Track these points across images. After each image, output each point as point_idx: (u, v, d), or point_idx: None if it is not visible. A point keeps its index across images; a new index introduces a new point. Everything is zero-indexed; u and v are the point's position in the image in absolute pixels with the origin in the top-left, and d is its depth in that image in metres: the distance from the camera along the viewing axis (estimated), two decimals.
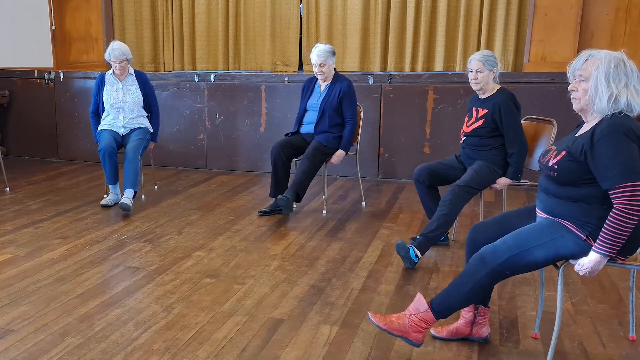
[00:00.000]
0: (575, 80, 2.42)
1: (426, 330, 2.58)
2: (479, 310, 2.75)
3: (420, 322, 2.56)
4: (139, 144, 5.10)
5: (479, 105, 3.95)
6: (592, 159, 2.32)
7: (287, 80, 6.58)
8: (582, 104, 2.42)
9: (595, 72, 2.34)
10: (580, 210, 2.39)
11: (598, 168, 2.31)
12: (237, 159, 6.83)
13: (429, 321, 2.56)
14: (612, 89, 2.32)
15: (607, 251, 2.31)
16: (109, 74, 5.23)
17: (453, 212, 3.79)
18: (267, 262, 3.82)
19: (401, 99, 6.27)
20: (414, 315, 2.57)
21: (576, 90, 2.42)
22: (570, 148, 2.41)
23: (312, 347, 2.72)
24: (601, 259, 2.34)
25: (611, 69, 2.32)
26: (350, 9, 7.45)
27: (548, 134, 3.89)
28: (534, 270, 2.51)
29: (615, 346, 2.76)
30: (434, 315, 2.55)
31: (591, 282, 3.47)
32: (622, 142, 2.28)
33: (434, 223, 3.79)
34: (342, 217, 4.88)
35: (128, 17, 8.08)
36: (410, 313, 2.58)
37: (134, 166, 4.99)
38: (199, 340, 2.76)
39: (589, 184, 2.36)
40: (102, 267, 3.71)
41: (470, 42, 7.11)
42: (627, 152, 2.27)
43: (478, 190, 3.85)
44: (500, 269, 2.42)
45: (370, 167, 6.42)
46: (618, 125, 2.30)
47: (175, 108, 6.88)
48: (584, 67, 2.37)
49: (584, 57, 2.40)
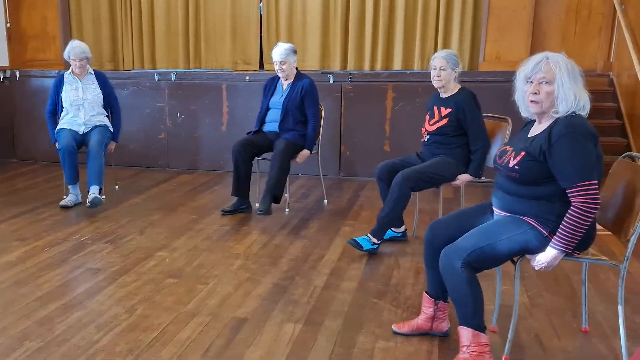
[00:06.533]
0: (534, 84, 2.42)
1: (488, 350, 2.49)
2: (439, 306, 2.80)
3: (477, 347, 2.48)
4: (102, 140, 5.05)
5: (441, 104, 4.02)
6: (551, 159, 2.37)
7: (248, 79, 6.59)
8: (544, 107, 2.43)
9: (560, 74, 2.37)
10: (542, 207, 2.45)
11: (557, 167, 2.37)
12: (199, 158, 6.81)
13: (481, 341, 2.48)
14: (575, 90, 2.38)
15: (564, 247, 2.38)
16: (68, 74, 5.16)
17: (401, 198, 3.82)
18: (230, 262, 3.83)
19: (361, 98, 6.34)
20: (469, 347, 2.48)
21: (537, 93, 2.42)
22: (529, 148, 2.45)
23: (276, 345, 2.74)
24: (558, 255, 2.41)
25: (569, 70, 2.38)
26: (310, 9, 7.49)
27: (503, 132, 3.99)
28: (501, 264, 2.56)
29: (569, 337, 2.86)
30: (479, 331, 2.48)
31: (546, 275, 3.58)
32: (579, 142, 2.34)
33: (385, 208, 3.88)
34: (304, 216, 4.91)
35: (86, 14, 7.95)
36: (465, 347, 2.50)
37: (98, 162, 4.93)
38: (162, 341, 2.76)
39: (550, 183, 2.42)
40: (62, 269, 3.67)
41: (428, 41, 7.24)
42: (584, 152, 2.34)
43: (429, 181, 3.90)
44: (468, 261, 2.43)
45: (331, 166, 6.47)
46: (574, 125, 2.36)
47: (136, 107, 6.81)
48: (547, 69, 2.38)
49: (539, 59, 2.42)
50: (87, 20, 7.97)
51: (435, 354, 2.68)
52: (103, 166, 5.01)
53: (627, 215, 2.49)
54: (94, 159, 4.92)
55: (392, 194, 3.86)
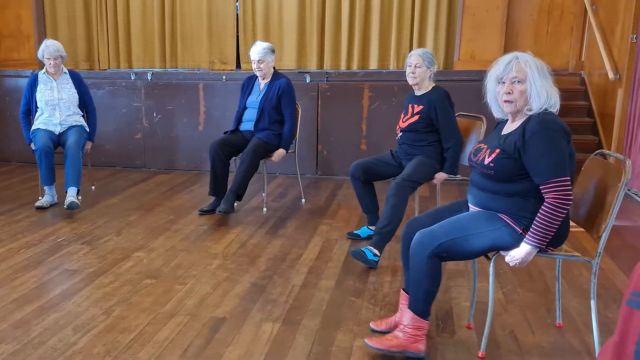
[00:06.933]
0: (507, 84, 2.46)
1: (424, 337, 2.58)
2: None
3: (414, 331, 2.56)
4: (79, 140, 5.00)
5: (415, 102, 4.06)
6: (525, 155, 2.41)
7: (225, 78, 6.57)
8: (519, 106, 2.47)
9: (530, 72, 2.42)
10: (516, 204, 2.49)
11: (530, 164, 2.41)
12: (176, 158, 6.78)
13: (420, 327, 2.56)
14: (546, 86, 2.42)
15: (538, 243, 2.43)
16: (42, 74, 5.11)
17: (400, 205, 3.82)
18: (208, 261, 3.82)
19: (338, 97, 6.36)
20: (405, 328, 2.57)
21: (510, 92, 2.46)
22: (503, 146, 2.49)
23: (255, 345, 2.75)
24: (531, 250, 2.46)
25: (539, 67, 2.43)
26: (286, 8, 7.51)
27: (478, 130, 4.04)
28: (469, 259, 2.60)
29: (543, 333, 2.91)
30: (421, 318, 2.55)
31: (520, 272, 3.64)
32: (552, 139, 2.38)
33: (384, 219, 3.81)
34: (282, 215, 4.92)
35: (60, 13, 7.87)
36: (402, 327, 2.59)
37: (76, 163, 4.89)
38: (140, 342, 2.76)
39: (524, 180, 2.46)
40: (38, 270, 3.63)
41: (403, 41, 7.30)
42: (557, 149, 2.38)
43: (419, 183, 3.94)
44: (437, 251, 2.46)
45: (309, 165, 6.48)
46: (547, 122, 2.40)
47: (112, 107, 6.76)
48: (518, 68, 2.43)
49: (509, 59, 2.46)
50: (61, 19, 7.89)
51: None
52: (81, 166, 4.97)
53: (599, 212, 2.54)
54: (71, 159, 4.88)
55: (388, 203, 3.80)
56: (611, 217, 2.44)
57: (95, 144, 5.46)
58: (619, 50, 5.98)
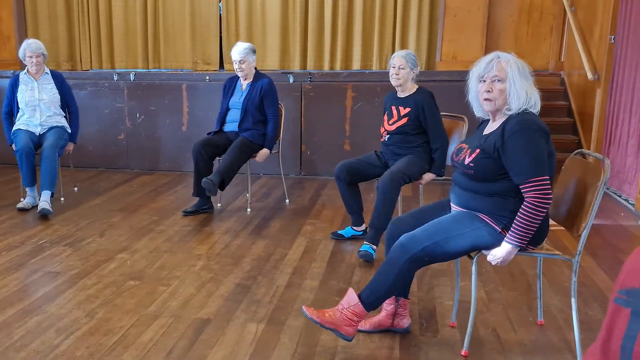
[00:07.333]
0: (487, 82, 2.50)
1: (358, 323, 2.62)
2: (400, 302, 2.85)
3: (352, 316, 2.59)
4: (57, 142, 4.96)
5: (400, 104, 4.08)
6: (504, 155, 2.44)
7: (209, 79, 6.56)
8: (498, 105, 2.50)
9: (511, 72, 2.44)
10: (495, 204, 2.51)
11: (510, 163, 2.44)
12: (160, 159, 6.75)
13: (359, 314, 2.60)
14: (526, 87, 2.45)
15: (518, 242, 2.46)
16: (23, 74, 5.07)
17: (393, 197, 3.85)
18: (192, 262, 3.82)
19: (321, 97, 6.38)
20: (345, 309, 2.60)
21: (491, 91, 2.50)
22: (484, 146, 2.51)
23: (239, 345, 2.76)
24: (512, 249, 2.49)
25: (520, 68, 2.46)
26: (269, 9, 7.52)
27: (460, 130, 4.08)
28: (451, 260, 2.63)
29: (525, 331, 2.94)
30: (364, 308, 2.59)
31: (502, 270, 3.67)
32: (531, 138, 2.41)
33: (377, 212, 3.85)
34: (266, 215, 4.93)
35: (42, 13, 7.81)
36: (342, 307, 2.62)
37: (51, 165, 4.84)
38: (123, 345, 2.75)
39: (504, 179, 2.48)
40: (20, 273, 3.61)
41: (386, 42, 7.35)
42: (536, 148, 2.41)
43: (410, 179, 3.95)
44: (419, 255, 2.49)
45: (292, 165, 6.49)
46: (526, 122, 2.43)
47: (94, 108, 6.71)
48: (499, 67, 2.46)
49: (490, 59, 2.50)
50: (42, 18, 7.83)
51: (396, 350, 2.73)
52: (56, 169, 4.92)
53: (579, 211, 2.57)
54: (46, 161, 4.83)
55: (383, 195, 3.83)
56: (591, 216, 2.48)
57: (77, 145, 5.42)
58: (598, 50, 6.06)
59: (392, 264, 2.54)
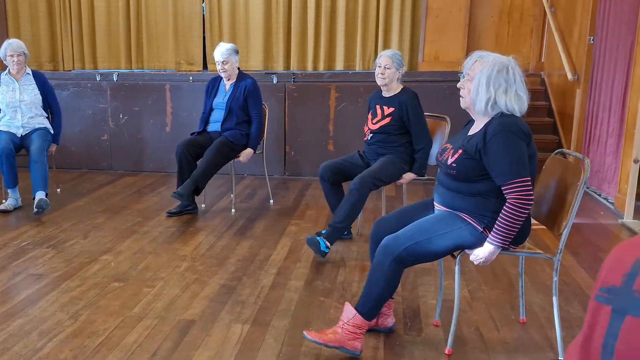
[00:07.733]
0: (464, 79, 2.56)
1: (362, 336, 2.61)
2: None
3: (353, 329, 2.58)
4: (43, 145, 4.93)
5: (384, 104, 4.10)
6: (486, 156, 2.47)
7: (192, 79, 6.55)
8: (467, 103, 2.57)
9: (479, 75, 2.48)
10: (477, 204, 2.54)
11: (491, 165, 2.47)
12: (143, 160, 6.72)
13: (361, 326, 2.59)
14: (491, 93, 2.46)
15: (500, 242, 2.49)
16: (4, 74, 5.03)
17: (359, 203, 3.89)
18: (176, 263, 3.81)
19: (305, 98, 6.39)
20: (346, 324, 2.59)
21: (463, 88, 2.56)
22: (466, 147, 2.54)
23: (224, 346, 2.76)
24: (495, 250, 2.52)
25: (493, 73, 2.47)
26: (252, 9, 7.52)
27: (442, 131, 4.11)
28: (434, 259, 2.65)
29: (508, 329, 2.97)
30: (364, 318, 2.58)
31: (485, 270, 3.71)
32: (512, 140, 2.44)
33: (341, 214, 3.89)
34: (250, 216, 4.93)
35: (23, 12, 7.74)
36: (342, 323, 2.61)
37: (42, 168, 4.82)
38: (108, 347, 2.74)
39: (485, 180, 2.51)
40: (2, 275, 3.58)
41: (369, 42, 7.38)
42: (516, 150, 2.44)
43: (383, 182, 3.98)
44: (403, 255, 2.51)
45: (276, 165, 6.50)
46: (507, 124, 2.46)
47: (77, 108, 6.67)
48: (473, 67, 2.51)
49: (475, 57, 2.54)
50: (24, 18, 7.77)
51: (381, 350, 2.75)
52: (47, 171, 4.90)
53: (560, 210, 2.61)
54: (36, 164, 4.80)
55: (350, 199, 3.87)
56: (571, 215, 2.52)
57: (60, 146, 5.39)
58: (577, 51, 6.14)
59: (378, 268, 2.55)
